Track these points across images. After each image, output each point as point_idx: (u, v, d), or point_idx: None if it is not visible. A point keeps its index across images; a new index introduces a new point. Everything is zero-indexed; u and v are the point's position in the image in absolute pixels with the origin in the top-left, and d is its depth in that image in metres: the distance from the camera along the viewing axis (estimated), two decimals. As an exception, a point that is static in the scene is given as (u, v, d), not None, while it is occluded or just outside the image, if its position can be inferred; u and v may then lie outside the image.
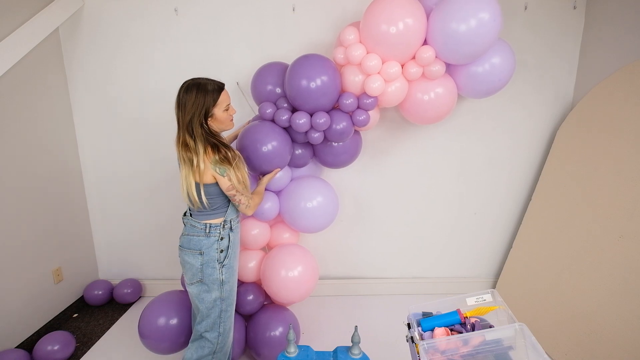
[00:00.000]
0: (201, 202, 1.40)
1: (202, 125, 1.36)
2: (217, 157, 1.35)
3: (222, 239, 1.45)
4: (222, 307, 1.48)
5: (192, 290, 1.47)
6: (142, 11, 2.14)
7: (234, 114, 1.49)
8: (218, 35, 2.16)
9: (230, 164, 1.37)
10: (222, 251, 1.45)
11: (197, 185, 1.38)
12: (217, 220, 1.46)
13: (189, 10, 2.13)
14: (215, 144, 1.37)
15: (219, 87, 1.40)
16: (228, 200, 1.48)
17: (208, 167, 1.35)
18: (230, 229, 1.49)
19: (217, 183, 1.40)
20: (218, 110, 1.39)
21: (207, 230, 1.43)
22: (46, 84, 2.12)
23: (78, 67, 2.24)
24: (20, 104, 1.96)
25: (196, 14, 2.13)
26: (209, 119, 1.39)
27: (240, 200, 1.44)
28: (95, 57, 2.21)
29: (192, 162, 1.34)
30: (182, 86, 1.39)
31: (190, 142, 1.34)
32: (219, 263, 1.45)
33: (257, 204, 1.56)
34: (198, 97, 1.34)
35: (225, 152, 1.37)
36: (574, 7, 2.10)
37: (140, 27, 2.16)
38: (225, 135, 1.74)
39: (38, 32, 1.95)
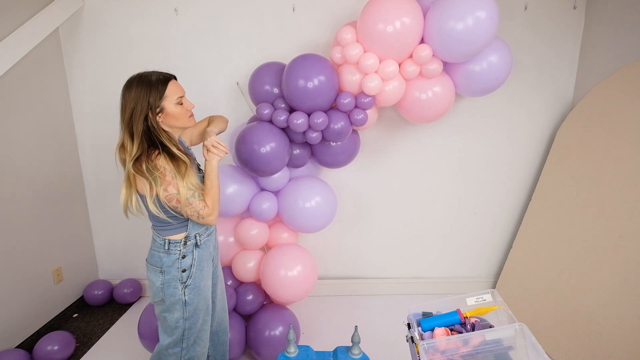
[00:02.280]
0: (157, 215, 1.21)
1: (146, 120, 1.18)
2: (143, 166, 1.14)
3: (184, 257, 1.27)
4: (185, 326, 1.33)
5: (155, 307, 1.34)
6: (142, 11, 2.14)
7: (192, 108, 1.30)
8: (218, 35, 2.16)
9: (146, 177, 1.13)
10: (184, 271, 1.27)
11: (141, 196, 1.21)
12: (178, 236, 1.27)
13: (189, 10, 2.13)
14: (159, 145, 1.17)
15: (165, 78, 1.22)
16: None
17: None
18: (196, 245, 1.30)
19: None
20: (168, 104, 1.21)
21: (167, 247, 1.26)
22: (46, 84, 2.12)
23: (78, 67, 2.24)
24: (20, 104, 1.96)
25: (196, 14, 2.13)
26: (160, 115, 1.22)
27: (187, 212, 1.21)
28: (95, 57, 2.21)
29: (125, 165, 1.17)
30: (124, 84, 1.21)
31: (128, 143, 1.17)
32: (181, 283, 1.27)
33: (214, 206, 1.25)
34: (140, 90, 1.17)
35: (148, 161, 1.14)
36: (574, 7, 2.10)
37: (140, 27, 2.16)
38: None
39: (38, 32, 1.95)
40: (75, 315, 2.31)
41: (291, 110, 1.78)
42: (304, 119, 1.71)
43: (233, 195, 1.82)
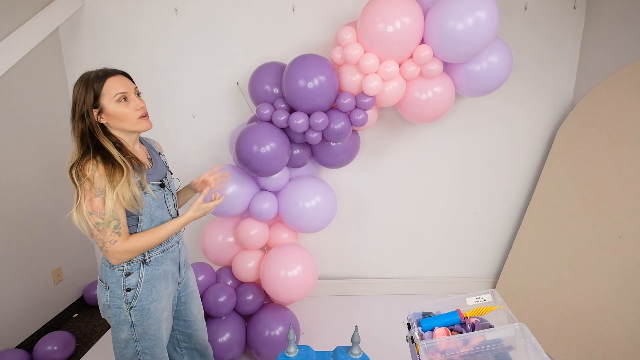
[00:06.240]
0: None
1: (83, 119, 1.07)
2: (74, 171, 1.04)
3: (128, 274, 1.14)
4: (137, 348, 1.20)
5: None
6: (142, 11, 2.14)
7: (142, 106, 1.15)
8: (218, 35, 2.15)
9: (75, 184, 1.03)
10: (128, 290, 1.14)
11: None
12: None
13: (189, 10, 2.13)
14: (92, 151, 1.05)
15: (105, 73, 1.10)
16: (137, 224, 1.15)
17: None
18: (144, 262, 1.16)
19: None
20: (108, 102, 1.08)
21: (109, 262, 1.14)
22: (46, 84, 2.12)
23: (78, 67, 2.24)
24: (20, 104, 1.96)
25: (196, 14, 2.13)
26: (102, 116, 1.10)
27: (93, 236, 1.08)
28: (95, 57, 2.21)
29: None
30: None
31: (74, 145, 1.10)
32: (126, 303, 1.15)
33: (132, 250, 1.11)
34: (78, 88, 1.09)
35: (78, 166, 1.03)
36: (574, 7, 2.10)
37: (140, 27, 2.16)
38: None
39: (38, 32, 1.95)
40: (75, 315, 2.31)
41: (291, 110, 1.78)
42: (304, 119, 1.71)
43: (233, 195, 1.82)
